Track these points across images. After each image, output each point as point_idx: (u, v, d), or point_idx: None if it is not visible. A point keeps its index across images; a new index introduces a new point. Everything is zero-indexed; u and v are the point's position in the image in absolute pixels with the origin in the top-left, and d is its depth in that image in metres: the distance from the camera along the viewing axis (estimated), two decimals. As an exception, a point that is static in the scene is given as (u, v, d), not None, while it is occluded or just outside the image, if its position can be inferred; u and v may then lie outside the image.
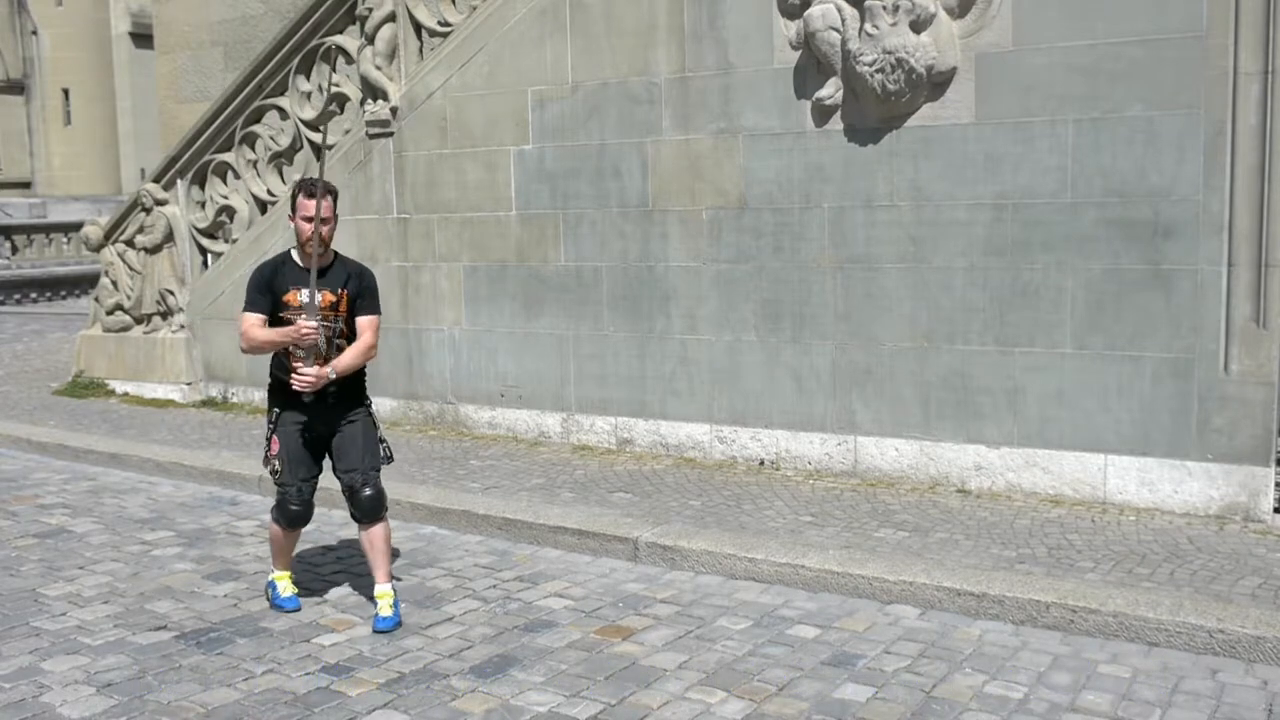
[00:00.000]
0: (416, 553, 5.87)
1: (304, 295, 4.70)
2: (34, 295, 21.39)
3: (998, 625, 4.70)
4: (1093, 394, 6.04)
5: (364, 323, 4.85)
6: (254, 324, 4.74)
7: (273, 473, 4.92)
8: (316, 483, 4.98)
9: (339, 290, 4.78)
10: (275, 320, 4.74)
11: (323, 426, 4.87)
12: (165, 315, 10.04)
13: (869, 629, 4.70)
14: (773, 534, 5.68)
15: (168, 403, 9.84)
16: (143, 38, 31.04)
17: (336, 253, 4.89)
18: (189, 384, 9.84)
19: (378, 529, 4.87)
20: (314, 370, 4.69)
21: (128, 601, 5.17)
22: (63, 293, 21.84)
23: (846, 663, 4.35)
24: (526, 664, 4.39)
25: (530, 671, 4.31)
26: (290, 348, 4.73)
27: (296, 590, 5.12)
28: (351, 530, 6.29)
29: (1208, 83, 5.62)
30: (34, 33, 34.09)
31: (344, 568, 5.64)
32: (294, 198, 4.75)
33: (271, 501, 6.87)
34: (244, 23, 13.41)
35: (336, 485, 4.97)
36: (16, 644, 4.66)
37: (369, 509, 4.83)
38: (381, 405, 8.69)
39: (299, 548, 5.97)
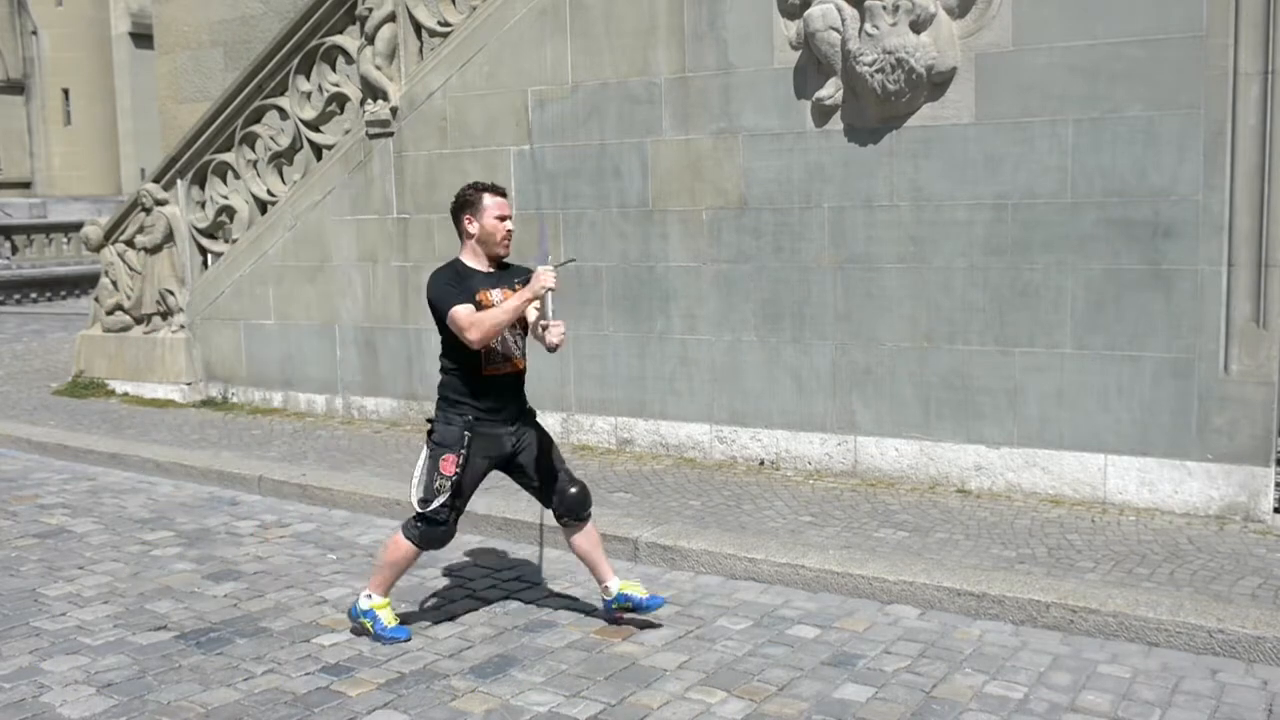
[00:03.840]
0: (416, 553, 5.87)
1: (494, 295, 4.48)
2: (34, 295, 21.38)
3: (998, 625, 4.70)
4: (1093, 394, 6.04)
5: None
6: (473, 311, 4.38)
7: (438, 491, 4.48)
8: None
9: (516, 286, 4.55)
10: None
11: (513, 440, 4.62)
12: (165, 315, 10.03)
13: (869, 629, 4.70)
14: (773, 534, 5.68)
15: (168, 403, 9.84)
16: (143, 38, 31.06)
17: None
18: (189, 384, 9.84)
19: (591, 527, 4.72)
20: (554, 326, 4.40)
21: (128, 601, 5.17)
22: (63, 293, 21.83)
23: (846, 663, 4.35)
24: (526, 664, 4.39)
25: (530, 671, 4.31)
26: (485, 348, 4.45)
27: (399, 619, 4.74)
28: (351, 531, 6.30)
29: (1208, 83, 5.62)
30: (34, 33, 34.07)
31: (344, 568, 5.64)
32: (471, 201, 4.56)
33: (274, 502, 6.91)
34: (244, 23, 13.41)
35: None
36: (16, 644, 4.66)
37: (585, 502, 4.66)
38: (381, 405, 8.71)
39: (299, 550, 5.98)
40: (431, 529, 4.54)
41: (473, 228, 4.58)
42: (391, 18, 8.35)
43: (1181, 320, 5.80)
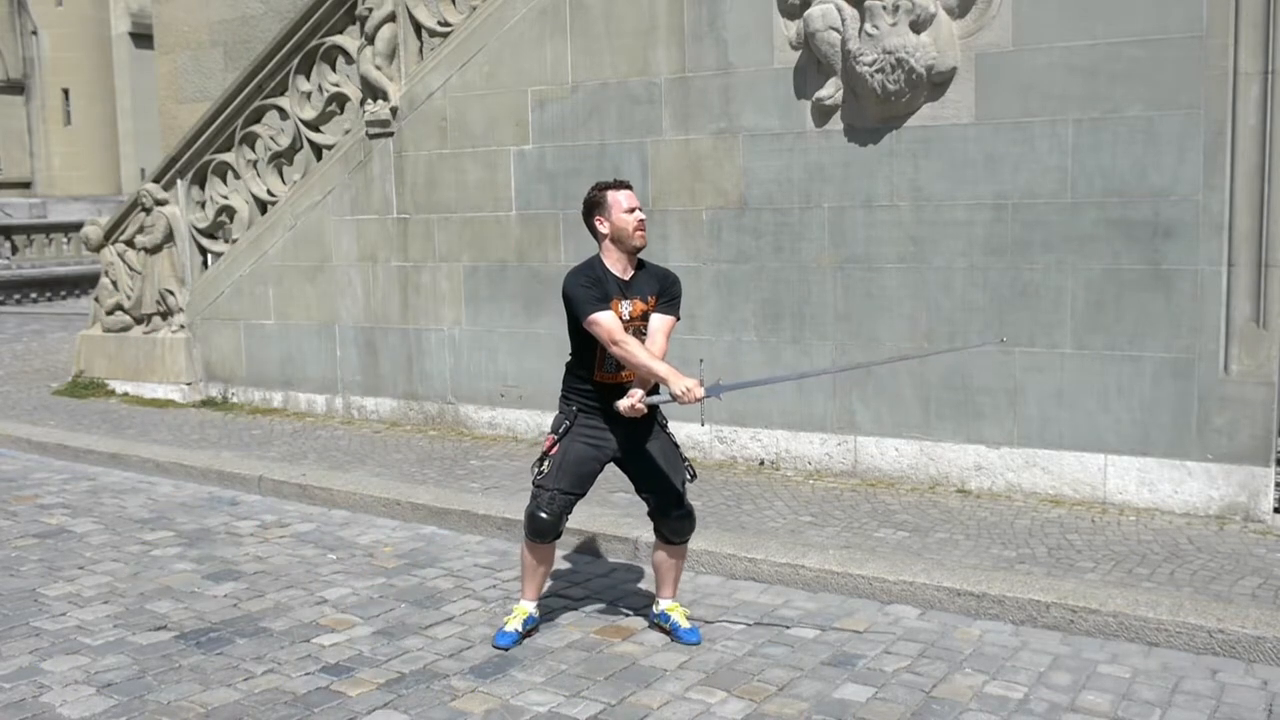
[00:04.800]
0: (416, 553, 5.87)
1: (624, 307, 4.38)
2: (34, 295, 21.38)
3: (998, 625, 4.70)
4: (1093, 394, 6.04)
5: (657, 323, 4.47)
6: (617, 324, 4.30)
7: (537, 472, 4.52)
8: (574, 504, 4.55)
9: (649, 298, 4.46)
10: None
11: (621, 441, 4.53)
12: (165, 315, 10.03)
13: (869, 629, 4.70)
14: (773, 534, 5.68)
15: (168, 403, 9.84)
16: (143, 38, 31.07)
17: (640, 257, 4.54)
18: (189, 384, 9.84)
19: (682, 549, 4.68)
20: (638, 399, 4.34)
21: (128, 601, 5.17)
22: (63, 293, 21.83)
23: (846, 663, 4.35)
24: (526, 664, 4.39)
25: (530, 671, 4.31)
26: (600, 356, 4.40)
27: (523, 630, 4.62)
28: (351, 531, 6.30)
29: (1208, 83, 5.62)
30: (34, 33, 34.06)
31: (344, 569, 5.64)
32: (598, 202, 4.50)
33: (274, 502, 6.91)
34: (244, 23, 13.41)
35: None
36: (16, 644, 4.66)
37: (683, 530, 4.59)
38: (381, 405, 8.71)
39: (299, 550, 5.97)
40: (533, 522, 4.49)
41: (604, 227, 4.48)
42: (391, 18, 8.35)
43: (1181, 320, 5.80)
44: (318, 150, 9.08)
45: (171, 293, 9.93)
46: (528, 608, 4.65)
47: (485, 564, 5.68)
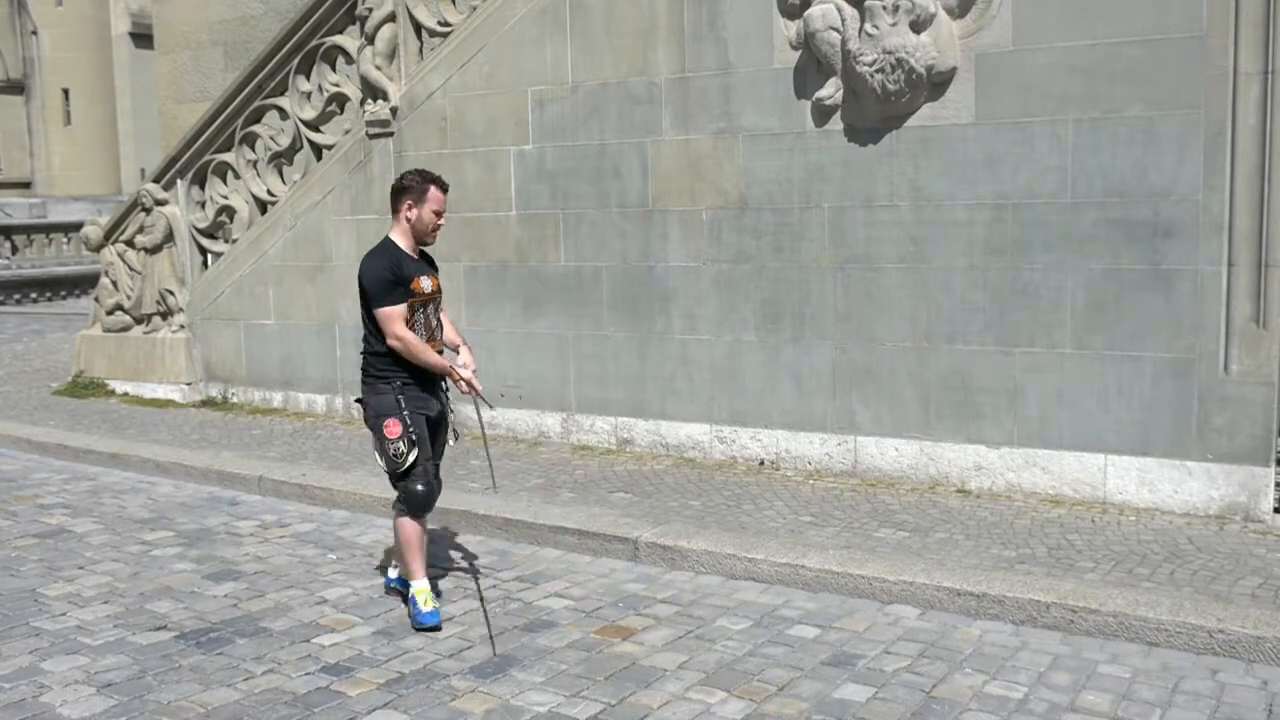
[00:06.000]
0: (416, 553, 5.86)
1: (424, 283, 4.84)
2: (34, 295, 21.38)
3: (998, 625, 4.70)
4: (1093, 394, 6.04)
5: (445, 310, 5.10)
6: (405, 320, 4.76)
7: (396, 456, 4.73)
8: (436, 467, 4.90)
9: (436, 275, 4.99)
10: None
11: (436, 407, 4.95)
12: (165, 315, 10.03)
13: (869, 629, 4.70)
14: (773, 534, 5.68)
15: (168, 403, 9.84)
16: (143, 38, 31.06)
17: None
18: (189, 384, 9.84)
19: (423, 522, 4.93)
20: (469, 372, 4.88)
21: (128, 601, 5.17)
22: (63, 293, 21.84)
23: (846, 663, 4.35)
24: (526, 664, 4.39)
25: (530, 671, 4.31)
26: (414, 327, 4.80)
27: (438, 605, 4.84)
28: (351, 531, 6.30)
29: (1208, 83, 5.62)
30: (34, 33, 34.06)
31: (344, 569, 5.64)
32: (417, 189, 4.81)
33: (274, 502, 6.91)
34: (244, 23, 13.41)
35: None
36: (16, 644, 4.66)
37: (424, 502, 4.87)
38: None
39: (299, 550, 5.97)
40: (412, 495, 4.78)
41: (410, 214, 4.84)
42: (391, 18, 8.35)
43: (1181, 320, 5.80)
44: (318, 150, 9.08)
45: (171, 293, 9.93)
46: (426, 585, 4.84)
47: (485, 564, 5.68)
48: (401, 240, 4.86)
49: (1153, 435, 5.92)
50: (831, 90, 6.54)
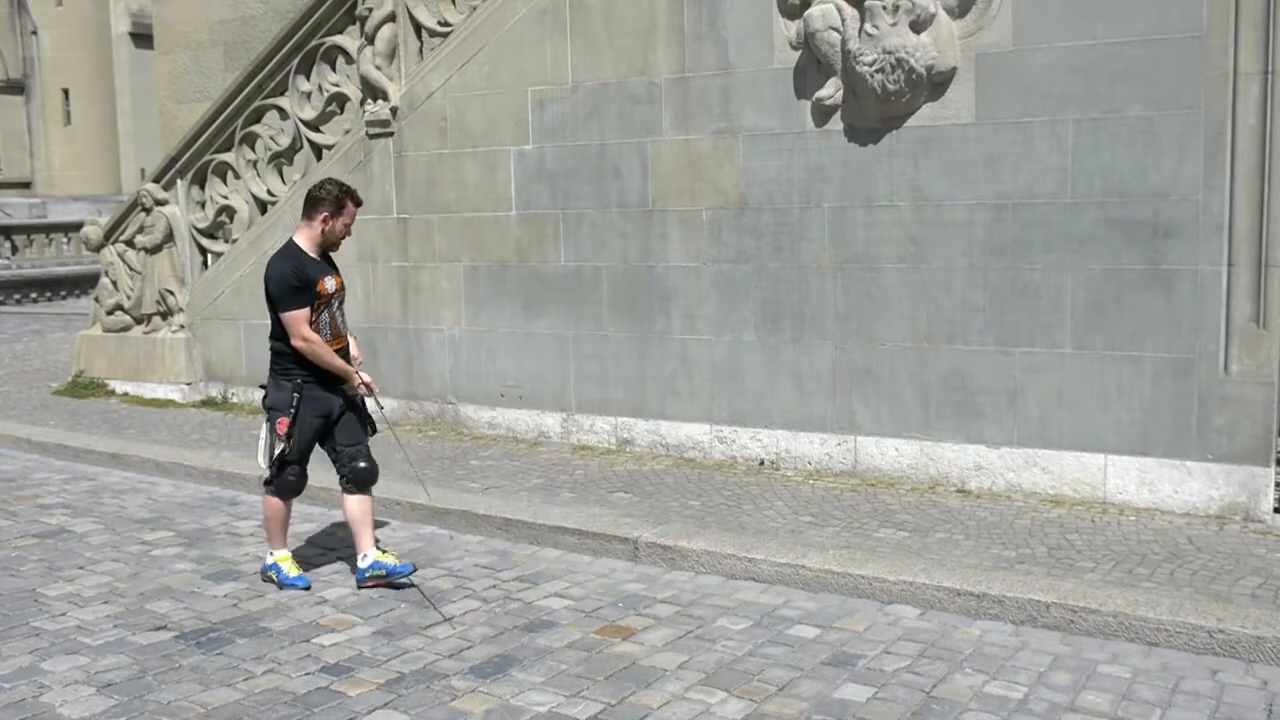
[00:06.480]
0: (416, 553, 5.87)
1: (328, 284, 5.17)
2: (34, 295, 21.38)
3: (998, 625, 4.70)
4: (1093, 394, 6.04)
5: (346, 314, 5.46)
6: (309, 321, 5.08)
7: (279, 450, 5.16)
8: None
9: (339, 274, 5.33)
10: (311, 308, 5.11)
11: (336, 403, 5.26)
12: (165, 315, 10.03)
13: (869, 629, 4.70)
14: (773, 534, 5.68)
15: (168, 403, 9.84)
16: (143, 38, 31.04)
17: None
18: (189, 384, 9.84)
19: (369, 496, 5.33)
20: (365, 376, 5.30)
21: (128, 601, 5.17)
22: (63, 293, 21.83)
23: (846, 663, 4.35)
24: (526, 664, 4.39)
25: (530, 671, 4.31)
26: (319, 326, 5.13)
27: (302, 570, 5.37)
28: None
29: (1208, 83, 5.62)
30: (34, 33, 34.06)
31: (345, 569, 5.64)
32: (335, 202, 5.13)
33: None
34: (244, 23, 13.41)
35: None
36: (16, 644, 4.66)
37: (372, 476, 5.30)
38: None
39: (299, 550, 5.97)
40: (283, 482, 5.27)
41: (325, 225, 5.16)
42: (391, 18, 8.35)
43: (1181, 320, 5.80)
44: (318, 150, 9.08)
45: (171, 293, 9.93)
46: (288, 554, 5.40)
47: (485, 564, 5.68)
48: (306, 244, 5.16)
49: (1153, 435, 5.92)
50: (831, 90, 6.54)
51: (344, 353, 5.28)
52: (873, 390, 6.66)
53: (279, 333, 5.14)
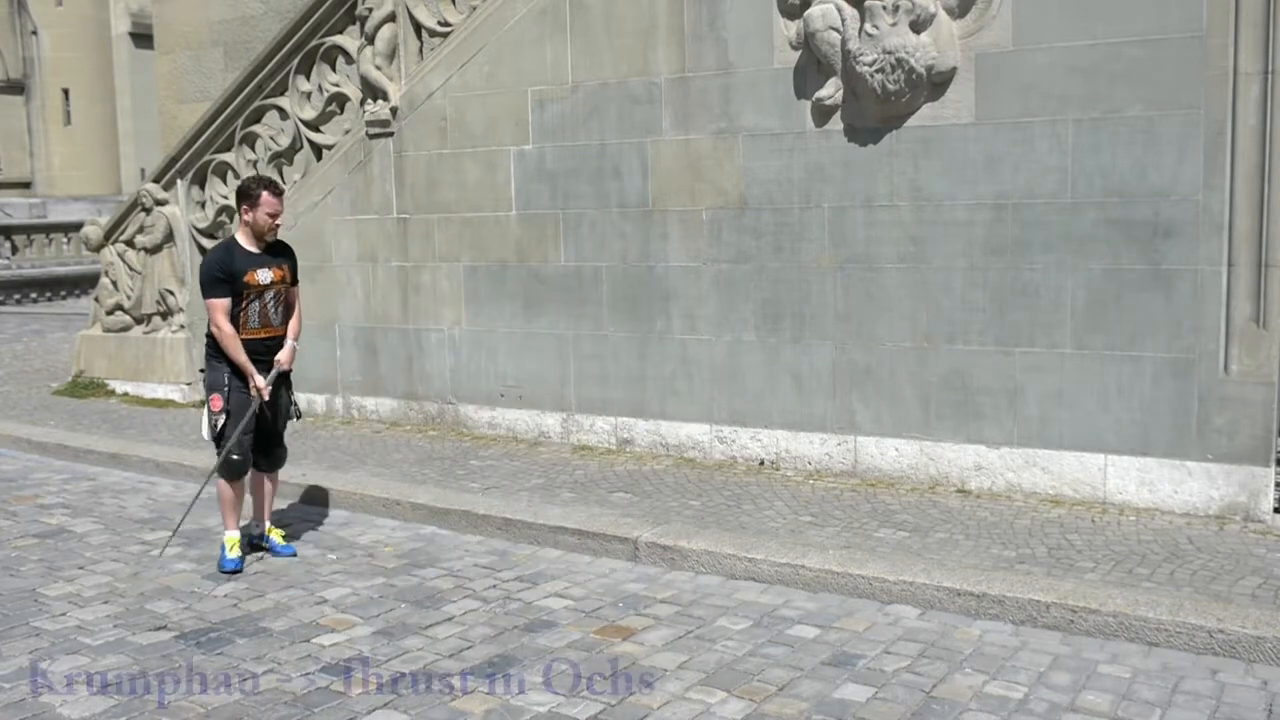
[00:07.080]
0: (416, 553, 5.87)
1: (260, 275, 5.55)
2: (34, 295, 21.38)
3: (998, 625, 4.70)
4: (1093, 394, 6.04)
5: (294, 291, 5.81)
6: (227, 312, 5.51)
7: (215, 425, 5.59)
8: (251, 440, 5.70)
9: (283, 266, 5.69)
10: (238, 298, 5.52)
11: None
12: (165, 315, 10.04)
13: (869, 629, 4.70)
14: (773, 534, 5.68)
15: (168, 403, 9.84)
16: (143, 38, 31.07)
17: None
18: (189, 384, 9.84)
19: (276, 477, 6.01)
20: (265, 382, 5.62)
21: (128, 601, 5.17)
22: (63, 293, 21.84)
23: (846, 663, 4.35)
24: (526, 664, 4.39)
25: (530, 671, 4.31)
26: (248, 315, 5.56)
27: (243, 554, 5.68)
28: (351, 531, 6.31)
29: (1208, 83, 5.62)
30: (34, 33, 34.05)
31: (345, 569, 5.64)
32: (253, 195, 5.51)
33: (281, 503, 6.89)
34: (244, 23, 13.41)
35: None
36: (16, 644, 4.66)
37: (281, 459, 5.97)
38: (381, 405, 8.71)
39: (299, 550, 5.98)
40: (229, 465, 5.62)
41: (247, 217, 5.58)
42: (391, 18, 8.35)
43: (1181, 320, 5.80)
44: (318, 150, 9.08)
45: (171, 293, 9.93)
46: (236, 536, 5.67)
47: (485, 564, 5.68)
48: (243, 238, 5.60)
49: (1153, 435, 5.92)
50: (831, 90, 6.54)
51: (278, 342, 5.69)
52: (873, 390, 6.67)
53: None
